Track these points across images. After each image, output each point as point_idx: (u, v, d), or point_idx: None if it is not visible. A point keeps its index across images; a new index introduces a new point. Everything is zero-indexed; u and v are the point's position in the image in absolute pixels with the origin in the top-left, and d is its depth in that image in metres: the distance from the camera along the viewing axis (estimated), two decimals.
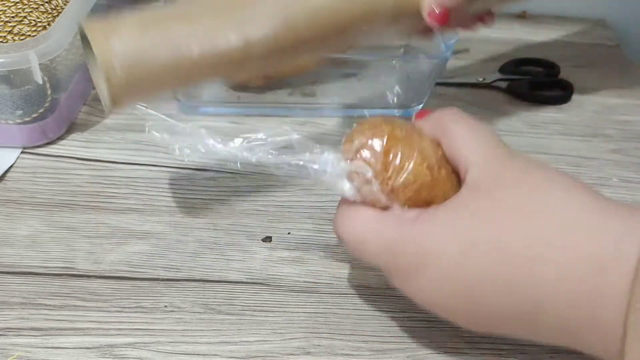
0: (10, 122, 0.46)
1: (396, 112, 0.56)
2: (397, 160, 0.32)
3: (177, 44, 0.32)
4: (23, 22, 0.46)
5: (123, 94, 0.32)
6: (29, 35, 0.46)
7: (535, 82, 0.60)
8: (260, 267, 0.40)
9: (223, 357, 0.35)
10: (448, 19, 0.37)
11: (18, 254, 0.40)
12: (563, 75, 0.62)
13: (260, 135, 0.32)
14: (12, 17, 0.46)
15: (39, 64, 0.42)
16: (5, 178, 0.45)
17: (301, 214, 0.45)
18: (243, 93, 0.54)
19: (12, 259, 0.39)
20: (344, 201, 0.34)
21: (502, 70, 0.62)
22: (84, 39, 0.32)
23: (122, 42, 0.31)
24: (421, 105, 0.56)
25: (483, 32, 0.69)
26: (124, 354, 0.35)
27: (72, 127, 0.50)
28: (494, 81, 0.60)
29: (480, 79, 0.60)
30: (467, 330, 0.33)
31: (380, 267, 0.33)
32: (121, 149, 0.49)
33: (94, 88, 0.54)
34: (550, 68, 0.63)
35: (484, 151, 0.31)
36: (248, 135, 0.32)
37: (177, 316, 0.37)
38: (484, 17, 0.44)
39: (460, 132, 0.32)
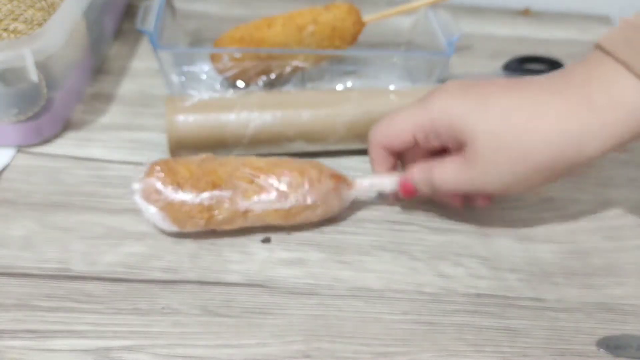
0: (5, 121, 0.45)
1: None
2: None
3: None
4: (18, 20, 0.46)
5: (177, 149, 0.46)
6: (24, 32, 0.46)
7: None
8: (259, 269, 0.40)
9: None
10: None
11: (13, 255, 0.39)
12: None
13: None
14: (7, 14, 0.45)
15: (35, 62, 0.42)
16: (0, 178, 0.45)
17: None
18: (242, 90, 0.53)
19: (6, 260, 0.39)
20: None
21: (505, 67, 0.61)
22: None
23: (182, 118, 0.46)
24: None
25: (486, 29, 0.69)
26: (120, 357, 0.34)
27: (67, 126, 0.50)
28: None
29: None
30: (469, 331, 0.31)
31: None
32: (117, 147, 0.48)
33: (90, 86, 0.54)
34: (554, 65, 0.62)
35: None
36: None
37: (175, 318, 0.36)
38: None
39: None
